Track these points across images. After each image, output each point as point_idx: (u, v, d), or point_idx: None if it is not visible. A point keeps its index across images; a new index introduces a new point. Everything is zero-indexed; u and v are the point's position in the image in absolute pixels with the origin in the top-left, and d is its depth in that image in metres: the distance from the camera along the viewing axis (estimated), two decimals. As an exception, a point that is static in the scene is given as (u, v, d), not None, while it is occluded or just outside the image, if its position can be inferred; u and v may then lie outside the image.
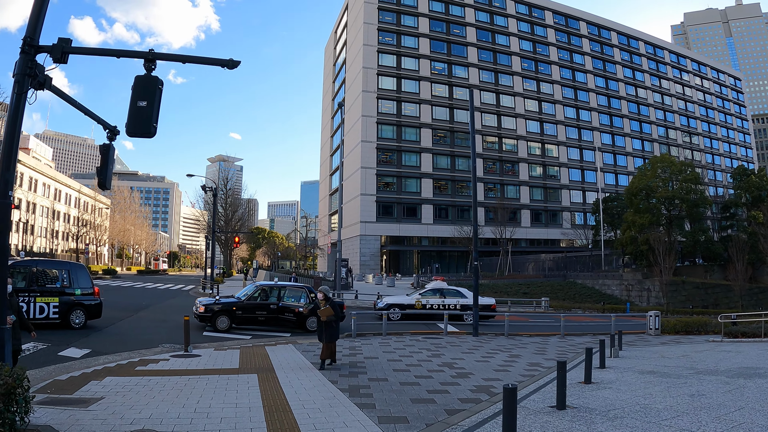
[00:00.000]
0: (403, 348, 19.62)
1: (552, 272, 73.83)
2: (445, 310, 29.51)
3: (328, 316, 14.63)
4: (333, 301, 15.28)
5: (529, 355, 18.73)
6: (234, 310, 23.57)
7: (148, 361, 15.09)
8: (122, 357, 15.84)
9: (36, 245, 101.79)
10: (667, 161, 68.17)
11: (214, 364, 14.83)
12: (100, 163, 11.50)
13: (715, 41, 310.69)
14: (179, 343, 17.92)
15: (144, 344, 18.66)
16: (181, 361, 15.15)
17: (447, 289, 32.58)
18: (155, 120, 10.10)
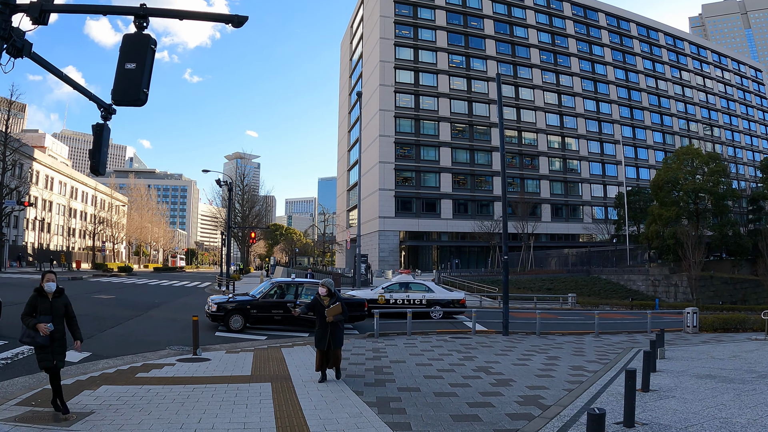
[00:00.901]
0: (431, 349, 18.09)
1: (575, 267, 72.31)
2: (410, 306, 28.06)
3: (335, 316, 12.36)
4: (339, 297, 12.93)
5: (568, 357, 17.19)
6: (248, 308, 22.08)
7: (152, 366, 13.66)
8: (124, 361, 14.52)
9: (53, 243, 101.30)
10: (693, 153, 66.35)
11: (223, 370, 13.36)
12: (93, 145, 10.16)
13: (734, 33, 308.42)
14: (189, 344, 16.59)
15: (150, 346, 17.29)
16: (187, 366, 13.69)
17: (413, 283, 30.76)
18: (146, 85, 8.70)
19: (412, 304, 29.01)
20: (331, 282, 12.93)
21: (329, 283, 12.79)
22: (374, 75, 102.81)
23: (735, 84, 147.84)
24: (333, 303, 12.44)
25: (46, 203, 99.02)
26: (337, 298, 12.73)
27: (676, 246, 57.30)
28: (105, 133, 10.21)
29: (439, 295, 29.80)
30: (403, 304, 29.04)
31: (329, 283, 12.76)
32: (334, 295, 12.73)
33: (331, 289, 12.68)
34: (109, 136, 10.39)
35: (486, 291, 48.15)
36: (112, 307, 27.74)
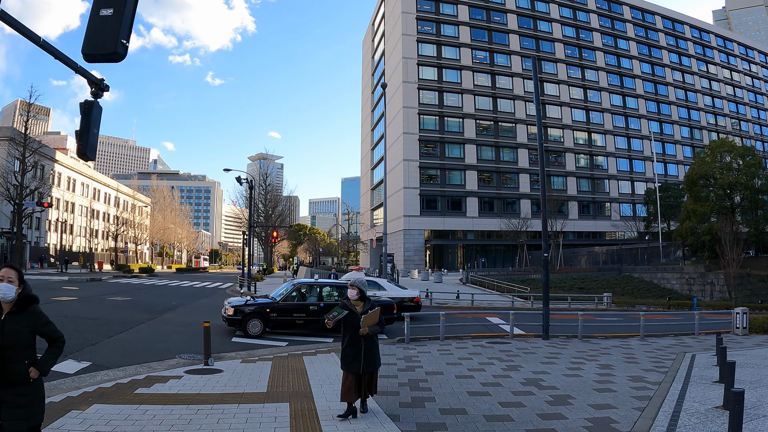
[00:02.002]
0: (469, 357, 16.34)
1: (606, 265, 70.38)
2: None
3: (371, 327, 9.31)
4: (377, 304, 9.83)
5: (622, 365, 15.40)
6: (268, 312, 20.36)
7: (156, 379, 11.99)
8: (126, 373, 12.88)
9: (75, 245, 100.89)
10: (728, 146, 64.11)
11: (236, 384, 11.65)
12: (81, 125, 8.66)
13: (758, 25, 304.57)
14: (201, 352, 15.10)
15: (158, 354, 15.69)
16: (196, 379, 12.07)
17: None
18: (125, 35, 7.11)
19: None
20: (364, 281, 9.83)
21: (360, 282, 9.70)
22: (397, 72, 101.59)
23: (763, 77, 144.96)
24: (368, 309, 9.45)
25: (68, 205, 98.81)
26: (371, 302, 9.80)
27: (712, 243, 55.35)
28: (95, 113, 8.74)
29: (392, 293, 27.92)
30: None
31: (360, 283, 9.68)
32: (368, 299, 9.79)
33: (364, 291, 9.67)
34: (100, 116, 8.91)
35: (517, 290, 46.49)
36: (125, 309, 26.30)
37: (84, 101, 8.76)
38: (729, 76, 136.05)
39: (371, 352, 9.46)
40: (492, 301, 40.98)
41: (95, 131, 8.82)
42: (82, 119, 8.72)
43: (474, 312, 33.59)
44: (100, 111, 8.95)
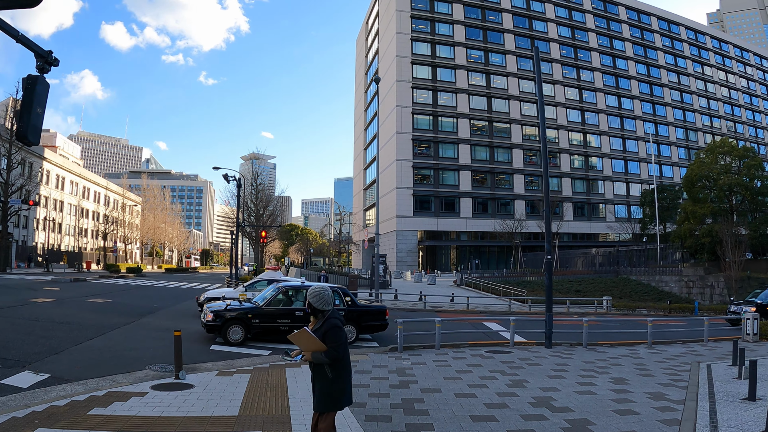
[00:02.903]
0: (468, 370, 14.82)
1: (603, 268, 69.26)
2: None
3: (313, 353, 6.52)
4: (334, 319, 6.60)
5: (636, 379, 13.99)
6: (250, 317, 18.73)
7: (117, 396, 10.47)
8: (86, 388, 11.37)
9: (64, 243, 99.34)
10: (728, 146, 63.06)
11: (205, 404, 10.11)
12: (22, 104, 7.45)
13: (753, 28, 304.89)
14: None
15: (127, 365, 14.11)
16: (161, 397, 10.58)
17: (278, 281, 27.04)
18: None
19: None
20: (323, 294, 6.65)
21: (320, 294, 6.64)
22: (390, 71, 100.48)
23: (758, 79, 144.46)
24: (319, 327, 6.56)
25: (56, 203, 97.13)
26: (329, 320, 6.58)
27: (712, 245, 54.36)
28: (40, 90, 7.54)
29: None
30: None
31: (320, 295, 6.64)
32: (322, 313, 6.65)
33: (314, 305, 6.63)
34: (46, 94, 7.68)
35: (513, 293, 45.20)
36: (103, 312, 24.83)
37: (27, 76, 7.60)
38: (724, 78, 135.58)
39: (316, 387, 6.79)
40: (488, 305, 39.66)
41: (39, 111, 7.64)
42: (23, 96, 7.58)
43: (470, 317, 32.29)
44: (47, 88, 7.77)
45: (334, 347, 6.41)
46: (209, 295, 26.57)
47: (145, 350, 16.31)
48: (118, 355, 15.44)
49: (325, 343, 6.40)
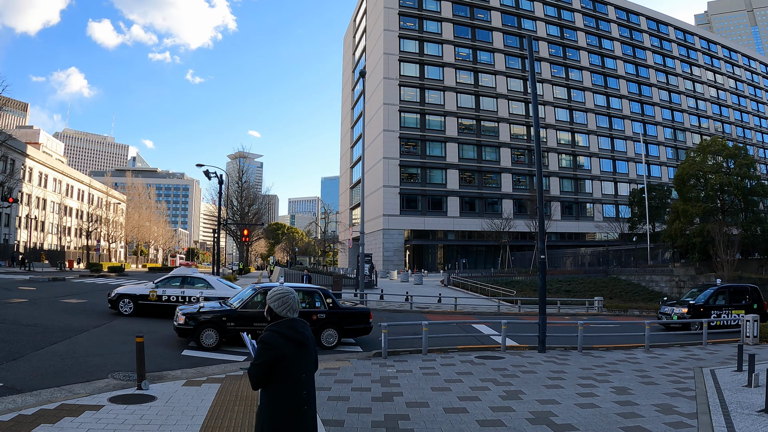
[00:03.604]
0: (458, 379, 13.69)
1: (592, 267, 68.42)
2: (185, 304, 23.64)
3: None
4: (271, 333, 4.96)
5: (640, 389, 13.07)
6: (224, 320, 17.48)
7: (69, 410, 9.32)
8: (38, 399, 10.28)
9: (47, 242, 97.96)
10: (719, 145, 62.54)
11: (164, 421, 8.94)
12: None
13: (740, 30, 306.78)
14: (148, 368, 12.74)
15: (89, 372, 13.03)
16: (117, 411, 9.43)
17: (191, 278, 26.05)
18: None
19: (187, 301, 24.86)
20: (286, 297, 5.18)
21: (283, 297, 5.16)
22: (378, 68, 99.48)
23: (746, 80, 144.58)
24: None
25: (39, 201, 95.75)
26: (264, 333, 5.12)
27: (703, 244, 53.83)
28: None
29: (220, 292, 25.22)
30: (177, 301, 24.84)
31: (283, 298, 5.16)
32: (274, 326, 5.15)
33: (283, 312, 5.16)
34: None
35: (502, 294, 44.32)
36: (74, 314, 23.63)
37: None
38: (712, 79, 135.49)
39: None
40: (476, 306, 38.72)
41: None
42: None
43: (459, 318, 31.26)
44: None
45: (251, 365, 4.91)
46: (121, 292, 25.38)
47: (111, 356, 15.13)
48: (81, 361, 14.28)
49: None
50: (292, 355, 4.93)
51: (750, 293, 30.31)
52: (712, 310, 28.77)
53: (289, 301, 5.19)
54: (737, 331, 25.56)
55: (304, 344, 5.09)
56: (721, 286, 30.68)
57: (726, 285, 31.50)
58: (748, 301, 29.80)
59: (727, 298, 29.76)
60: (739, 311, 28.77)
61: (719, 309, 28.94)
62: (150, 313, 24.68)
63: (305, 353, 5.10)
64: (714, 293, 29.59)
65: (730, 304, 29.40)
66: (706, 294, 29.88)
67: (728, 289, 30.34)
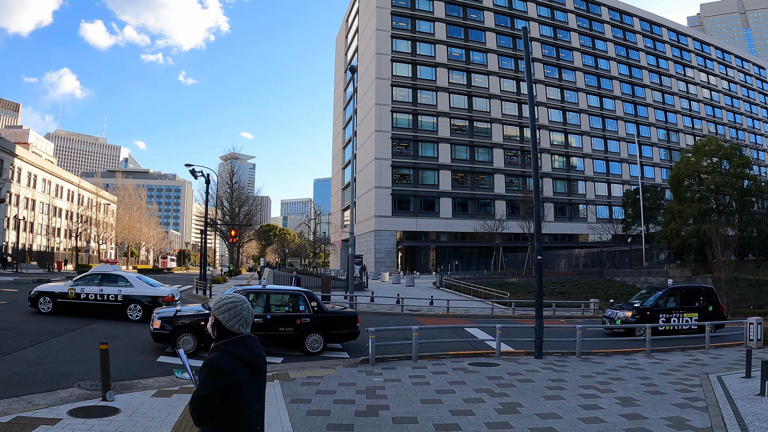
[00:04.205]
0: (450, 389, 12.71)
1: (586, 269, 67.67)
2: (104, 302, 23.63)
3: None
4: (220, 354, 4.02)
5: (647, 399, 12.21)
6: (203, 325, 16.32)
7: (23, 423, 8.33)
8: None
9: (36, 243, 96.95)
10: (715, 145, 61.85)
11: None
12: None
13: (733, 32, 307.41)
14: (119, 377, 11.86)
15: (55, 380, 12.15)
16: (74, 426, 8.39)
17: (110, 275, 25.04)
18: None
19: (106, 299, 23.87)
20: (237, 308, 4.19)
21: (232, 309, 4.20)
22: (370, 68, 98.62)
23: (738, 81, 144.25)
24: None
25: (28, 201, 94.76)
26: (211, 355, 4.06)
27: (699, 245, 53.12)
28: None
29: (139, 291, 24.32)
30: (96, 299, 23.84)
31: (233, 310, 4.18)
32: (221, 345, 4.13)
33: (235, 327, 4.18)
34: None
35: (495, 296, 43.40)
36: (52, 317, 22.80)
37: None
38: (706, 80, 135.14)
39: None
40: (469, 308, 37.75)
41: None
42: None
43: (451, 322, 30.43)
44: None
45: (194, 396, 3.90)
46: (41, 289, 24.48)
47: (82, 363, 14.18)
48: (49, 368, 13.38)
49: None
50: (247, 382, 3.99)
51: (705, 295, 28.07)
52: (660, 313, 26.57)
53: (242, 313, 4.21)
54: (694, 337, 24.36)
55: (260, 368, 4.16)
56: (672, 287, 28.46)
57: (678, 286, 29.38)
58: (703, 304, 27.51)
59: (679, 300, 27.40)
60: (692, 314, 26.85)
61: (669, 312, 26.87)
62: (69, 311, 23.76)
63: (261, 379, 4.20)
64: (664, 295, 27.59)
65: (681, 307, 27.04)
66: (655, 296, 27.70)
67: (680, 291, 27.99)
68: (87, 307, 23.76)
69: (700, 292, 28.17)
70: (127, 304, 24.03)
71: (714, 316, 26.75)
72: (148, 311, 23.22)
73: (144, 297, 23.97)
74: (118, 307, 23.92)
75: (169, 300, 24.36)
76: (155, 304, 23.76)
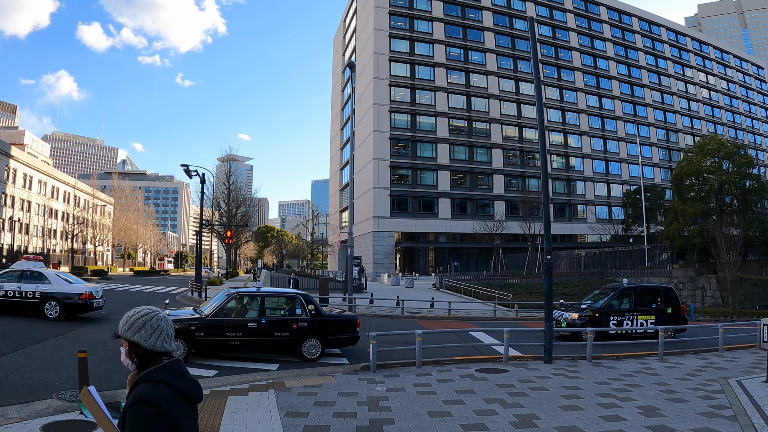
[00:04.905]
0: (459, 399, 11.80)
1: (587, 269, 66.87)
2: (21, 299, 22.82)
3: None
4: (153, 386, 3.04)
5: (669, 407, 11.34)
6: (193, 330, 15.55)
7: None
8: None
9: (31, 245, 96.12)
10: (718, 142, 61.08)
11: None
12: None
13: (730, 32, 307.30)
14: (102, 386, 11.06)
15: (32, 391, 11.34)
16: None
17: (29, 272, 24.07)
18: None
19: (24, 296, 22.98)
20: (151, 322, 3.26)
21: (145, 324, 3.24)
22: (368, 68, 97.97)
23: (738, 81, 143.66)
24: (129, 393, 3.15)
25: (24, 203, 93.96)
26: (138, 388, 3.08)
27: (703, 245, 52.35)
28: None
29: (56, 288, 23.21)
30: (14, 296, 22.97)
31: (146, 325, 3.24)
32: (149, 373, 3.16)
33: (153, 344, 3.22)
34: None
35: (497, 297, 42.56)
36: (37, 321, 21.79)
37: None
38: (705, 80, 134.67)
39: None
40: (471, 310, 36.95)
41: None
42: None
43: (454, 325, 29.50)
44: None
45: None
46: None
47: (64, 370, 13.33)
48: (28, 377, 12.57)
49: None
50: (188, 421, 3.10)
51: (663, 295, 25.57)
52: (612, 315, 24.34)
53: (160, 324, 3.30)
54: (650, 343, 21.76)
55: (196, 398, 3.26)
56: (626, 287, 25.93)
57: (633, 285, 26.80)
58: (660, 305, 25.10)
59: (633, 301, 25.07)
60: (648, 317, 24.65)
61: (621, 314, 24.63)
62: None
63: (196, 411, 3.31)
64: (617, 295, 25.36)
65: (635, 309, 24.75)
66: (608, 296, 25.37)
67: (634, 291, 25.66)
68: (5, 304, 23.04)
69: (658, 292, 25.95)
70: (45, 301, 23.14)
71: (673, 318, 24.92)
72: (65, 309, 22.84)
73: (60, 294, 23.05)
74: (36, 305, 23.09)
75: (86, 297, 23.62)
76: (71, 301, 23.20)
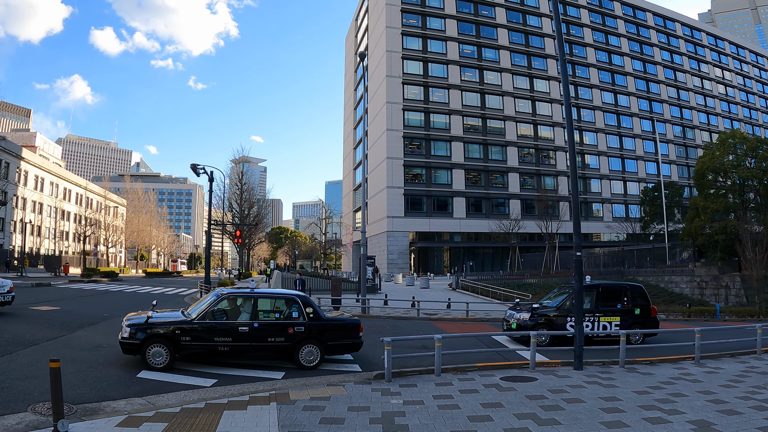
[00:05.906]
0: (486, 414, 10.46)
1: (607, 268, 65.52)
2: None
3: None
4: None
5: (724, 422, 9.99)
6: (178, 334, 14.29)
7: None
8: None
9: (43, 247, 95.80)
10: (740, 136, 59.58)
11: None
12: None
13: (744, 28, 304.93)
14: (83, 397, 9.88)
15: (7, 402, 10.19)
16: None
17: None
18: None
19: None
20: None
21: None
22: (381, 66, 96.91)
23: (754, 77, 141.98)
24: None
25: (35, 205, 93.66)
26: None
27: (727, 242, 50.88)
28: None
29: None
30: None
31: None
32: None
33: None
34: None
35: (516, 297, 41.24)
36: (35, 323, 20.69)
37: None
38: (720, 75, 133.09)
39: None
40: (489, 311, 35.57)
41: None
42: None
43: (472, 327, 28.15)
44: None
45: None
46: None
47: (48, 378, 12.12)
48: (7, 385, 11.40)
49: None
50: None
51: (630, 295, 22.93)
52: (570, 316, 20.92)
53: None
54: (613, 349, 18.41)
55: None
56: (587, 285, 22.00)
57: (595, 283, 23.42)
58: (627, 305, 22.50)
59: (594, 300, 22.23)
60: (612, 318, 21.94)
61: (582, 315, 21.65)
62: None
63: None
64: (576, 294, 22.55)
65: (597, 309, 21.98)
66: (566, 295, 22.73)
67: (596, 289, 22.64)
68: None
69: (624, 291, 23.21)
70: None
71: (641, 320, 22.34)
72: None
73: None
74: None
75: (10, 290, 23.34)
76: None
